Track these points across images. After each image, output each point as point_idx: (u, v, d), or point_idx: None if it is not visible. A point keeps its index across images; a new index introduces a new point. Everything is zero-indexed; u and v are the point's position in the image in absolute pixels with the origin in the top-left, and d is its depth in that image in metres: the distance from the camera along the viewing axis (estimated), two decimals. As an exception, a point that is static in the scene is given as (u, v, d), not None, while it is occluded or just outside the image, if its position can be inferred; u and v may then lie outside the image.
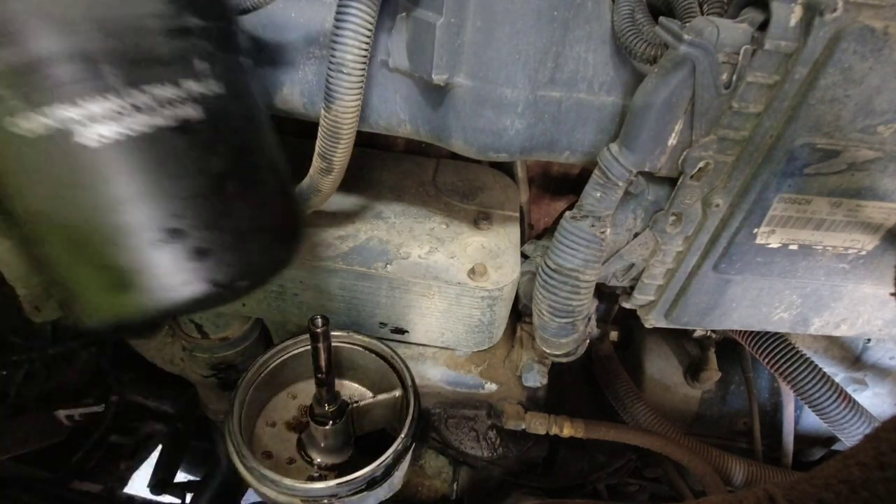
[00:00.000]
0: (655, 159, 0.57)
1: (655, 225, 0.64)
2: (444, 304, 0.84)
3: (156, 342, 1.11)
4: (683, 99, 0.52)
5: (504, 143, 0.62)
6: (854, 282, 0.66)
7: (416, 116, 0.65)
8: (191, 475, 1.59)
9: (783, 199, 0.58)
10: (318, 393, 0.73)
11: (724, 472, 0.96)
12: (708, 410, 1.14)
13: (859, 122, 0.52)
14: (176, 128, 0.36)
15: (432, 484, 1.03)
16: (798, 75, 0.49)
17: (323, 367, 0.71)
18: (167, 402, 1.39)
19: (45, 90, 0.32)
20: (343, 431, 0.78)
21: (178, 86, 0.36)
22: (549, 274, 0.66)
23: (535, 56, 0.56)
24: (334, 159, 0.61)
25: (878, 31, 0.46)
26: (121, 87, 0.34)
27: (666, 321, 0.73)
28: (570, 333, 0.72)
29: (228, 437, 0.73)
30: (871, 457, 0.34)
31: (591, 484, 1.16)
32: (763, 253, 0.63)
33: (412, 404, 0.78)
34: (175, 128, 0.36)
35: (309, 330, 0.69)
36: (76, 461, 1.23)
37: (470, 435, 0.98)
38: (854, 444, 0.36)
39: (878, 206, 0.59)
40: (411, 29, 0.58)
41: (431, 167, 1.04)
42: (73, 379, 1.33)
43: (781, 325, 0.72)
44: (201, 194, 0.38)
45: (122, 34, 0.33)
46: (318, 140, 0.61)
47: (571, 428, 0.94)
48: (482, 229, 0.91)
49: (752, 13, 0.50)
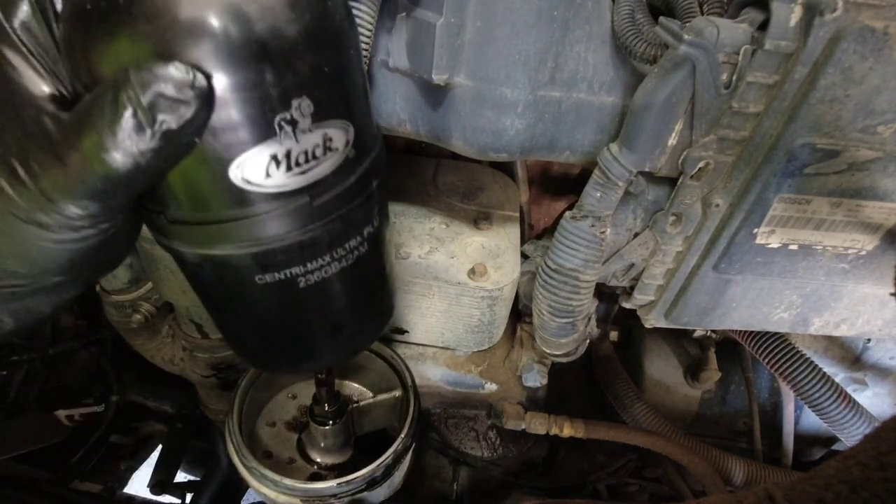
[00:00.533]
0: (655, 159, 0.56)
1: (655, 225, 0.64)
2: (444, 304, 0.84)
3: (156, 342, 1.11)
4: (683, 99, 0.52)
5: (504, 143, 0.62)
6: (854, 282, 0.66)
7: (416, 116, 0.65)
8: (191, 475, 1.59)
9: (783, 199, 0.58)
10: (318, 393, 0.73)
11: (724, 472, 0.96)
12: (708, 410, 1.14)
13: (859, 122, 0.51)
14: (351, 265, 0.44)
15: (432, 484, 1.03)
16: (798, 75, 0.49)
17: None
18: (167, 402, 1.39)
19: (281, 262, 0.40)
20: (343, 431, 0.78)
21: (362, 234, 0.44)
22: (549, 274, 0.66)
23: (535, 56, 0.56)
24: (334, 159, 0.62)
25: (878, 31, 0.46)
26: (332, 249, 0.42)
27: (666, 321, 0.73)
28: (570, 333, 0.72)
29: (228, 437, 0.73)
30: (871, 457, 0.34)
31: (591, 484, 1.16)
32: (763, 253, 0.63)
33: (412, 404, 0.78)
34: (350, 265, 0.44)
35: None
36: (76, 461, 1.23)
37: (470, 435, 0.98)
38: (854, 444, 0.36)
39: (878, 206, 0.59)
40: (411, 29, 0.58)
41: (431, 167, 1.04)
42: (73, 379, 1.33)
43: (781, 325, 0.72)
44: (355, 302, 0.48)
45: (334, 218, 0.40)
46: (318, 140, 0.61)
47: (571, 428, 0.94)
48: (482, 229, 0.91)
49: (752, 13, 0.50)
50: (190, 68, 0.29)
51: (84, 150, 0.29)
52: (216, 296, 0.46)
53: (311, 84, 0.34)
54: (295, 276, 0.41)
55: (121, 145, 0.28)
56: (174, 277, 0.87)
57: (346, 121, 0.37)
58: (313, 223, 0.39)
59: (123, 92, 0.27)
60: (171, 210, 0.37)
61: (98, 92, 0.29)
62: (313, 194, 0.37)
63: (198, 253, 0.39)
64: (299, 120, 0.34)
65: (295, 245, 0.39)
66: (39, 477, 1.18)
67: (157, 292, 0.98)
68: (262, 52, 0.31)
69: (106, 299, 1.00)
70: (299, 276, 0.41)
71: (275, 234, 0.38)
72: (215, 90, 0.30)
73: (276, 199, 0.36)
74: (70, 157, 0.29)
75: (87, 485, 1.27)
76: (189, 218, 0.37)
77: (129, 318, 1.01)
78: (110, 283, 0.99)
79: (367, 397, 0.83)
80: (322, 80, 0.35)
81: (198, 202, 0.36)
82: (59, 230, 0.31)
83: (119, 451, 1.40)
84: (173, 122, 0.29)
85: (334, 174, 0.38)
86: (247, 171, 0.34)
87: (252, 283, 0.41)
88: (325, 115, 0.35)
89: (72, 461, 1.23)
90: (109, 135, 0.28)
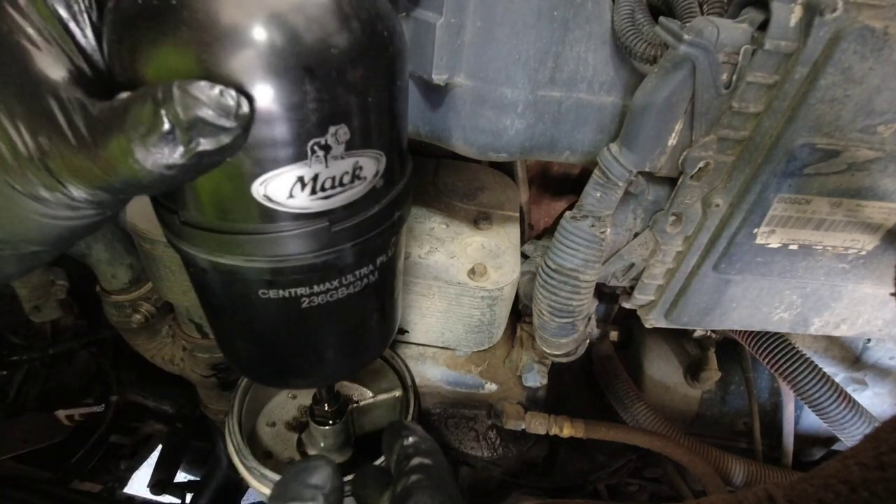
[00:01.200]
0: (655, 159, 0.56)
1: (655, 225, 0.64)
2: (444, 304, 0.84)
3: (156, 342, 1.11)
4: (683, 99, 0.52)
5: (504, 143, 0.62)
6: (854, 282, 0.66)
7: (416, 116, 0.65)
8: (191, 475, 1.59)
9: (783, 199, 0.58)
10: (318, 393, 0.73)
11: (724, 472, 0.96)
12: (708, 410, 1.14)
13: (859, 122, 0.51)
14: (358, 292, 0.44)
15: (432, 484, 1.03)
16: (798, 75, 0.49)
17: (323, 367, 0.72)
18: (167, 402, 1.39)
19: (289, 282, 0.40)
20: (343, 431, 0.78)
21: (374, 263, 0.43)
22: (549, 274, 0.66)
23: (535, 56, 0.56)
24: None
25: (878, 31, 0.46)
26: (341, 275, 0.42)
27: (666, 321, 0.73)
28: (570, 333, 0.72)
29: (228, 437, 0.73)
30: (871, 457, 0.34)
31: (591, 484, 1.16)
32: (763, 253, 0.63)
33: (412, 404, 0.78)
34: (357, 292, 0.44)
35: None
36: (76, 461, 1.23)
37: (470, 435, 0.98)
38: (854, 444, 0.36)
39: (878, 206, 0.59)
40: (411, 29, 0.58)
41: (431, 167, 1.04)
42: (73, 379, 1.33)
43: (781, 325, 0.72)
44: (355, 328, 0.49)
45: (350, 245, 0.40)
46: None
47: (571, 428, 0.94)
48: (482, 229, 0.91)
49: (752, 13, 0.50)
50: (236, 94, 0.28)
51: (111, 151, 0.28)
52: (217, 302, 0.45)
53: (352, 112, 0.33)
54: (299, 297, 0.41)
55: (151, 157, 0.28)
56: (174, 277, 0.87)
57: (379, 151, 0.36)
58: (328, 248, 0.38)
59: (165, 107, 0.27)
60: (187, 212, 0.36)
61: (137, 98, 0.28)
62: (333, 219, 0.37)
63: (206, 258, 0.39)
64: (333, 146, 0.33)
65: (305, 267, 0.38)
66: (39, 477, 1.18)
67: (157, 292, 0.98)
68: (307, 72, 0.30)
69: (106, 299, 1.00)
70: (304, 296, 0.41)
71: (287, 254, 0.37)
72: (256, 111, 0.30)
73: (295, 220, 0.35)
74: (94, 152, 0.28)
75: (87, 485, 1.27)
76: (203, 223, 0.36)
77: (129, 318, 1.01)
78: (110, 283, 0.99)
79: (367, 397, 0.83)
80: (364, 109, 0.34)
81: (215, 210, 0.35)
82: (57, 208, 0.31)
83: (119, 451, 1.41)
84: (209, 145, 0.28)
85: (358, 202, 0.37)
86: (270, 188, 0.33)
87: (255, 297, 0.40)
88: (360, 145, 0.34)
89: (72, 461, 1.23)
90: (140, 145, 0.27)
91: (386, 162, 0.37)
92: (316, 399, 0.75)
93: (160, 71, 0.29)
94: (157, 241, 0.81)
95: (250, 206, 0.34)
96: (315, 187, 0.34)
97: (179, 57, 0.29)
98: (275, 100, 0.30)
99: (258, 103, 0.30)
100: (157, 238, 0.80)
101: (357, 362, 0.54)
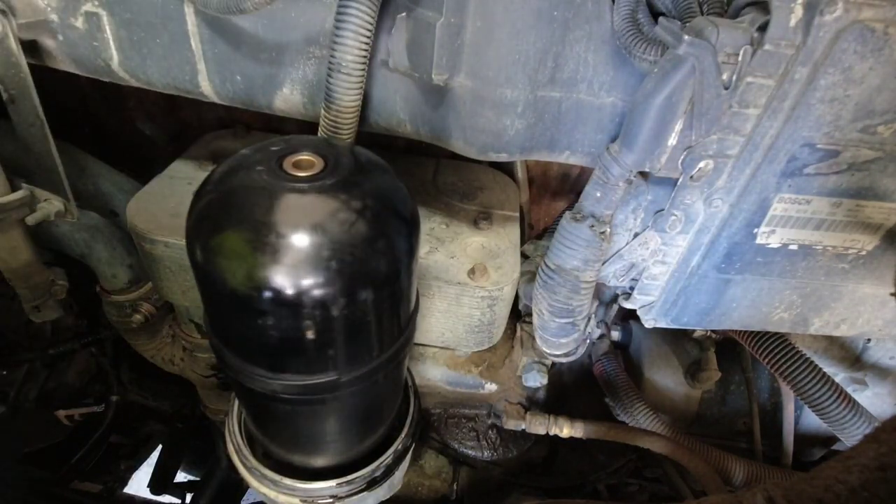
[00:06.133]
0: (655, 159, 0.56)
1: (655, 225, 0.64)
2: (444, 304, 0.84)
3: (156, 342, 1.11)
4: (683, 99, 0.52)
5: (504, 143, 0.62)
6: (854, 282, 0.66)
7: (416, 116, 0.65)
8: (191, 475, 1.59)
9: (783, 199, 0.58)
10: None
11: (724, 472, 0.96)
12: (708, 410, 1.14)
13: (859, 122, 0.51)
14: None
15: (432, 484, 1.03)
16: (798, 75, 0.49)
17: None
18: (167, 402, 1.39)
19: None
20: (343, 431, 0.78)
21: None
22: (549, 274, 0.66)
23: (535, 56, 0.56)
24: (334, 159, 0.61)
25: (878, 31, 0.46)
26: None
27: (666, 321, 0.73)
28: (570, 333, 0.72)
29: (228, 437, 0.73)
30: (871, 458, 0.34)
31: (591, 484, 1.16)
32: (763, 253, 0.63)
33: (412, 404, 0.78)
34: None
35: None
36: (76, 461, 1.23)
37: (470, 435, 0.98)
38: (854, 444, 0.36)
39: (878, 206, 0.59)
40: (411, 29, 0.58)
41: (431, 167, 1.04)
42: (73, 379, 1.33)
43: (781, 325, 0.72)
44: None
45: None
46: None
47: (571, 428, 0.94)
48: (482, 229, 0.91)
49: (752, 13, 0.50)
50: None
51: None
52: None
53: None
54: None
55: None
56: (174, 277, 0.87)
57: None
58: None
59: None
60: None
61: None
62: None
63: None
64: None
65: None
66: (39, 477, 1.18)
67: (157, 292, 0.98)
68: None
69: (106, 299, 1.00)
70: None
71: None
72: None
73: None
74: None
75: (87, 485, 1.27)
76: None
77: (129, 318, 1.01)
78: (110, 283, 0.99)
79: (367, 397, 0.83)
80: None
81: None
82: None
83: (119, 451, 1.41)
84: None
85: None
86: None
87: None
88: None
89: (72, 461, 1.23)
90: None
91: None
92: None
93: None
94: (157, 241, 0.81)
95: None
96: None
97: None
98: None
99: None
100: (157, 238, 0.80)
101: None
